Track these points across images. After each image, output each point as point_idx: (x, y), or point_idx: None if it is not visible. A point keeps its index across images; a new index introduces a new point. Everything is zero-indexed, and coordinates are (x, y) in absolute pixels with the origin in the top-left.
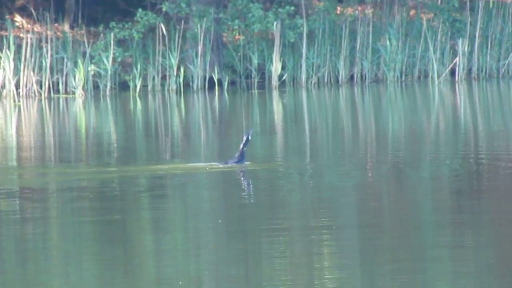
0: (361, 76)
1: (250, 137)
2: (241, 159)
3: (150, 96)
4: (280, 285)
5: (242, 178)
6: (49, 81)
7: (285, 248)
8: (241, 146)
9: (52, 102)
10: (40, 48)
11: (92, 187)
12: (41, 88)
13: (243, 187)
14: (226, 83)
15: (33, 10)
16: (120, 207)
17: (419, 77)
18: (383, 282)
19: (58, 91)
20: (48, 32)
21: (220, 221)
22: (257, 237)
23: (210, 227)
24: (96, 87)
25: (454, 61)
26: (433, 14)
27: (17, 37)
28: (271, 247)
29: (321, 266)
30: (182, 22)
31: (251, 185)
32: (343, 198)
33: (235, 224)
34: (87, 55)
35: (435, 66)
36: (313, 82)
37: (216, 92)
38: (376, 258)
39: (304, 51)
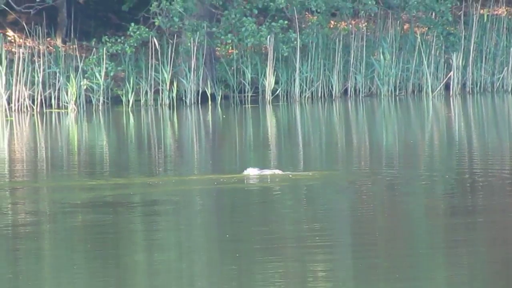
0: (355, 90)
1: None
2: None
3: (143, 110)
4: None
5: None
6: (41, 95)
7: (278, 268)
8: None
9: (44, 117)
10: (32, 62)
11: (85, 202)
12: (33, 103)
13: (237, 202)
14: (219, 98)
15: (25, 25)
16: (114, 222)
17: (413, 92)
18: None
19: (50, 106)
20: (40, 47)
21: (227, 235)
22: (251, 256)
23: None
24: (88, 101)
25: (449, 75)
26: (427, 28)
27: (9, 51)
28: (264, 266)
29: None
30: (175, 36)
31: (243, 200)
32: (337, 215)
33: (234, 240)
34: (80, 69)
35: (429, 80)
36: (306, 96)
37: (209, 107)
38: (371, 278)
39: (297, 65)
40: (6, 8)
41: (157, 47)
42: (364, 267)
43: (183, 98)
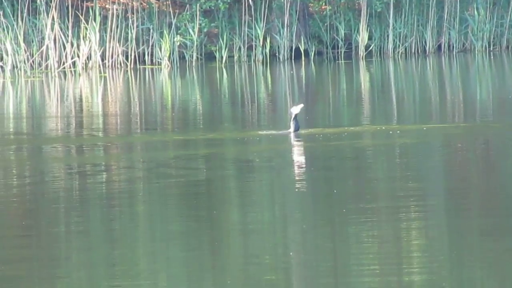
0: (449, 46)
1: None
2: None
3: (236, 66)
4: (366, 258)
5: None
6: (134, 52)
7: (373, 228)
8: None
9: (138, 73)
10: (126, 19)
11: (179, 158)
12: (127, 59)
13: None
14: (312, 54)
15: None
16: (207, 179)
17: (507, 47)
18: (471, 255)
19: (144, 62)
20: (134, 3)
21: (335, 191)
22: (345, 215)
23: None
24: (182, 58)
25: None
26: None
27: (102, 8)
28: (358, 227)
29: (409, 247)
30: None
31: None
32: (431, 173)
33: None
34: (173, 26)
35: None
36: (400, 52)
37: (303, 63)
38: (465, 238)
39: (391, 21)
40: None
41: (250, 3)
42: (458, 227)
43: (277, 54)
